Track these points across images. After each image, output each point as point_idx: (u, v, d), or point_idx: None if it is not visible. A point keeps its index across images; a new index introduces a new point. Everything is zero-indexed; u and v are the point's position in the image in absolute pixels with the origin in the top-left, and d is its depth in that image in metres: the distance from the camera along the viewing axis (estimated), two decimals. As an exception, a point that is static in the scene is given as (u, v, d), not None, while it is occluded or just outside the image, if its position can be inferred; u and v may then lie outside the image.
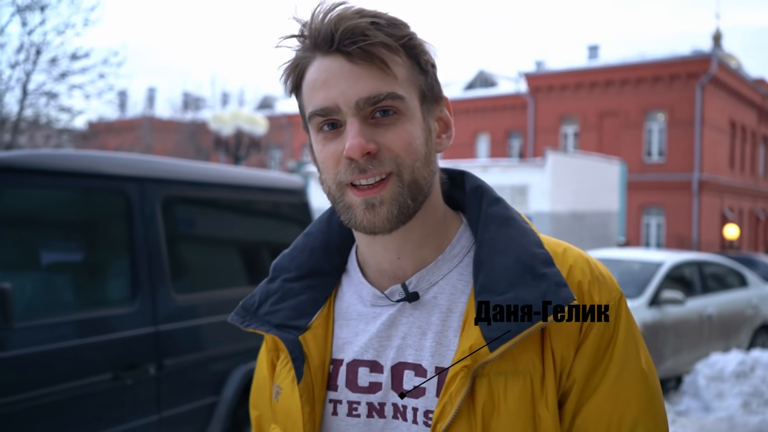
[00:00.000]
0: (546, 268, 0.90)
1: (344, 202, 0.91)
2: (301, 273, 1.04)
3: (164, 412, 3.01)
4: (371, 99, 0.87)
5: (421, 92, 0.92)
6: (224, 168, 3.94)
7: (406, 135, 0.89)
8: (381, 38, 0.87)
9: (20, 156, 2.69)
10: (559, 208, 15.00)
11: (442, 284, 0.96)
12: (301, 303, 1.01)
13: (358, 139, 0.86)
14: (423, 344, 0.93)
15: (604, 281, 0.94)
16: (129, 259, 3.00)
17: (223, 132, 15.31)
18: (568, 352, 0.90)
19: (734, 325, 7.97)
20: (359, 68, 0.87)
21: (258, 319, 1.02)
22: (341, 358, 0.98)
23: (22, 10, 11.23)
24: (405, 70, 0.90)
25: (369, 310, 0.99)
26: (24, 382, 2.49)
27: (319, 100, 0.89)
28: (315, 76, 0.90)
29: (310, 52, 0.90)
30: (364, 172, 0.88)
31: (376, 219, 0.89)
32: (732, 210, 29.70)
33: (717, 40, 35.27)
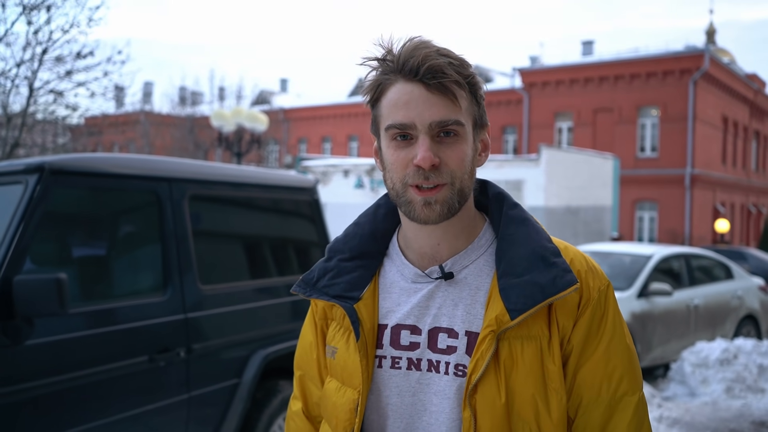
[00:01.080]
0: (555, 258, 1.16)
1: (406, 197, 1.15)
2: (353, 254, 1.27)
3: (193, 391, 3.31)
4: (441, 123, 1.11)
5: (474, 120, 1.17)
6: (244, 168, 4.23)
7: (461, 153, 1.14)
8: (455, 77, 1.11)
9: (67, 159, 2.98)
10: (554, 203, 15.28)
11: (471, 267, 1.21)
12: (354, 278, 1.25)
13: (429, 153, 1.10)
14: (455, 313, 1.17)
15: (596, 272, 1.21)
16: (160, 253, 3.30)
17: (224, 129, 15.56)
18: (568, 323, 1.15)
19: (720, 315, 8.30)
20: (435, 97, 1.11)
21: (318, 291, 1.26)
22: (386, 323, 1.22)
23: (28, 9, 11.44)
24: (466, 102, 1.14)
25: (410, 285, 1.22)
26: (76, 362, 2.79)
27: (399, 116, 1.12)
28: (397, 97, 1.13)
29: (393, 75, 1.14)
30: (427, 179, 1.12)
31: (431, 214, 1.13)
32: (724, 204, 30.06)
33: (710, 36, 35.56)
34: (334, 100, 37.23)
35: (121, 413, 2.97)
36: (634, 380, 1.18)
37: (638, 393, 1.18)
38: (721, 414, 6.03)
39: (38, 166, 2.81)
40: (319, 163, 18.86)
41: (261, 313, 3.81)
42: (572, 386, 1.16)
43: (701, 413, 6.01)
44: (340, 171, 16.66)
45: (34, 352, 2.68)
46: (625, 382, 1.17)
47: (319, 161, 19.54)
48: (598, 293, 1.18)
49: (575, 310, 1.16)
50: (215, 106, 28.87)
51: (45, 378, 2.70)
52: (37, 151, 14.64)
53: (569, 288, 1.12)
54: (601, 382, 1.16)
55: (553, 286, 1.12)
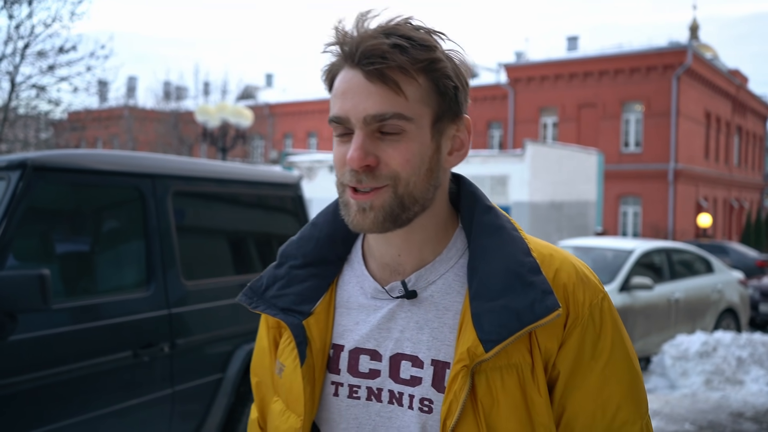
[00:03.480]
0: (533, 276, 0.97)
1: (344, 199, 1.00)
2: (307, 261, 1.11)
3: (177, 386, 3.33)
4: (377, 117, 0.94)
5: (435, 113, 0.98)
6: (227, 164, 4.25)
7: (406, 152, 0.96)
8: (398, 61, 0.93)
9: (49, 155, 2.98)
10: (538, 198, 15.39)
11: (438, 283, 1.03)
12: (305, 289, 1.09)
13: (357, 152, 0.94)
14: (420, 338, 1.01)
15: (588, 282, 1.02)
16: (144, 249, 3.31)
17: (209, 124, 15.50)
18: (552, 345, 0.98)
19: (700, 308, 8.42)
20: (373, 86, 0.94)
21: (265, 302, 1.10)
22: (342, 344, 1.06)
23: (9, 3, 11.34)
24: (420, 91, 0.96)
25: (370, 302, 1.07)
26: (60, 358, 2.81)
27: (335, 108, 0.98)
28: (337, 85, 0.98)
29: (341, 61, 0.98)
30: (360, 182, 0.96)
31: (363, 221, 0.97)
32: (707, 199, 30.39)
33: (694, 31, 35.89)
34: (320, 96, 37.13)
35: (105, 408, 2.99)
36: (635, 406, 1.01)
37: (641, 421, 1.01)
38: (700, 405, 6.14)
39: (21, 163, 2.82)
40: (304, 159, 18.85)
41: (245, 309, 3.83)
42: (561, 417, 1.00)
43: (680, 405, 6.11)
44: (325, 166, 16.68)
45: (18, 348, 2.69)
46: (624, 410, 1.00)
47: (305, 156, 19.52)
48: (589, 309, 1.00)
49: (560, 330, 0.99)
50: (200, 101, 28.72)
51: (28, 373, 2.71)
52: (19, 146, 14.53)
53: (549, 315, 0.95)
54: (594, 412, 0.99)
55: (530, 312, 0.95)
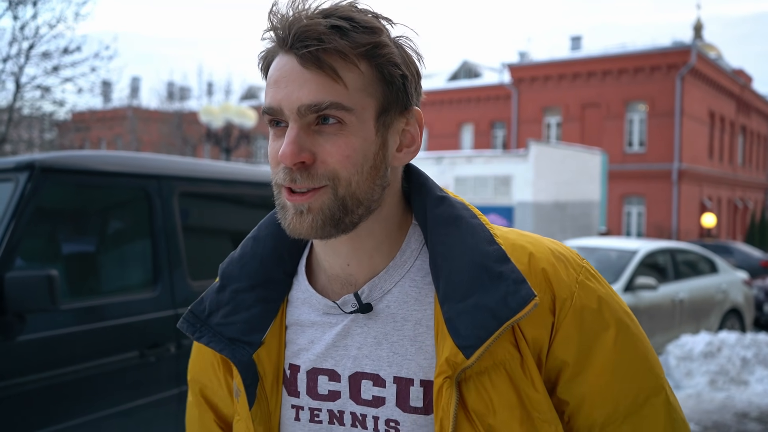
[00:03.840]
0: (501, 265, 0.88)
1: (280, 201, 0.90)
2: (253, 283, 1.00)
3: (183, 386, 3.35)
4: (312, 107, 0.84)
5: (380, 104, 0.88)
6: (232, 165, 4.27)
7: (345, 147, 0.86)
8: (335, 44, 0.83)
9: (57, 157, 3.00)
10: (542, 198, 15.38)
11: (394, 292, 0.94)
12: (253, 317, 0.98)
13: (290, 147, 0.84)
14: (379, 354, 0.92)
15: (568, 260, 0.93)
16: (150, 249, 3.33)
17: (213, 125, 15.54)
18: (539, 333, 0.88)
19: (704, 309, 8.41)
20: (308, 73, 0.84)
21: (210, 330, 0.99)
22: (298, 364, 0.98)
23: (14, 4, 11.39)
24: (362, 80, 0.86)
25: (322, 318, 0.97)
26: (67, 358, 2.82)
27: (268, 98, 0.88)
28: (270, 73, 0.89)
29: (276, 47, 0.88)
30: (294, 182, 0.86)
31: (300, 226, 0.87)
32: (711, 199, 30.33)
33: (698, 31, 35.85)
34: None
35: (112, 408, 3.00)
36: (653, 375, 0.93)
37: (663, 390, 0.93)
38: (705, 406, 6.13)
39: (29, 164, 2.83)
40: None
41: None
42: (578, 409, 0.91)
43: (685, 405, 6.10)
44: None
45: (26, 348, 2.70)
46: (645, 381, 0.92)
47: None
48: (578, 286, 0.91)
49: (548, 316, 0.89)
50: (203, 101, 28.78)
51: (37, 373, 2.72)
52: (23, 147, 14.60)
53: (526, 306, 0.85)
54: (614, 394, 0.90)
55: (505, 307, 0.85)
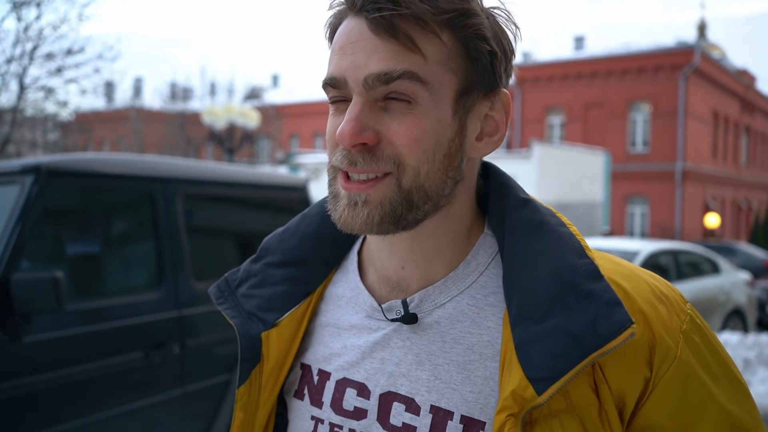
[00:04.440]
0: (592, 282, 0.72)
1: (334, 188, 0.78)
2: (286, 259, 0.91)
3: (187, 387, 3.38)
4: (381, 76, 0.72)
5: (461, 83, 0.75)
6: (236, 168, 4.31)
7: (415, 128, 0.73)
8: (414, 9, 0.71)
9: (62, 160, 3.04)
10: (545, 199, 15.21)
11: (448, 308, 0.80)
12: (276, 294, 0.89)
13: (350, 125, 0.72)
14: (419, 376, 0.79)
15: (669, 302, 0.76)
16: (154, 251, 3.36)
17: (216, 126, 15.59)
18: (629, 385, 0.72)
19: (707, 309, 8.41)
20: (379, 40, 0.72)
21: (233, 300, 0.92)
22: (329, 371, 0.86)
23: (18, 6, 11.44)
24: (443, 52, 0.73)
25: (363, 322, 0.85)
26: (73, 358, 2.86)
27: (331, 67, 0.76)
28: (335, 39, 0.77)
29: (345, 10, 0.77)
30: (354, 165, 0.74)
31: (353, 219, 0.75)
32: (715, 199, 30.28)
33: (701, 30, 35.76)
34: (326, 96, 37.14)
35: (116, 408, 3.03)
36: None
37: None
38: (707, 406, 6.13)
39: (35, 167, 2.87)
40: (311, 159, 18.89)
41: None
42: None
43: (687, 406, 6.11)
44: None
45: (32, 348, 2.74)
46: None
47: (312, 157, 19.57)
48: (683, 336, 0.74)
49: (643, 368, 0.72)
50: (206, 101, 28.84)
51: (43, 373, 2.76)
52: (26, 147, 14.65)
53: (621, 335, 0.68)
54: None
55: (593, 333, 0.69)
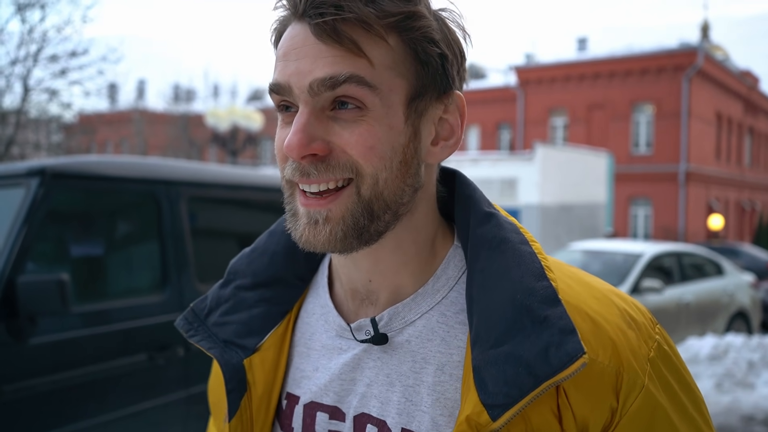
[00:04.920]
0: (547, 308, 0.69)
1: (292, 205, 0.76)
2: (258, 280, 0.88)
3: (191, 389, 3.38)
4: (327, 80, 0.69)
5: (412, 87, 0.73)
6: (239, 170, 4.31)
7: (368, 136, 0.70)
8: (358, 13, 0.68)
9: (67, 163, 3.05)
10: (548, 201, 15.37)
11: (418, 325, 0.78)
12: (252, 318, 0.86)
13: (297, 136, 0.69)
14: (390, 397, 0.76)
15: (638, 327, 0.74)
16: (159, 253, 3.37)
17: (219, 128, 15.62)
18: (594, 414, 0.69)
19: (710, 311, 8.40)
20: (323, 46, 0.69)
21: (205, 330, 0.88)
22: (297, 395, 0.84)
23: (22, 8, 11.50)
24: (390, 56, 0.71)
25: (333, 342, 0.83)
26: (78, 360, 2.86)
27: (276, 74, 0.73)
28: (281, 45, 0.74)
29: (289, 15, 0.74)
30: (307, 176, 0.71)
31: (315, 239, 0.72)
32: (718, 200, 30.24)
33: (705, 32, 35.72)
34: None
35: (121, 410, 3.04)
36: None
37: None
38: (711, 409, 6.13)
39: (40, 170, 2.88)
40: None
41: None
42: None
43: (691, 408, 6.10)
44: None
45: (37, 350, 2.75)
46: None
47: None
48: (650, 364, 0.72)
49: (609, 397, 0.70)
50: (210, 103, 28.90)
51: (47, 375, 2.77)
52: (30, 149, 14.70)
53: (573, 365, 0.66)
54: None
55: (545, 362, 0.67)
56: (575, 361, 0.66)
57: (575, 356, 0.66)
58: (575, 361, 0.66)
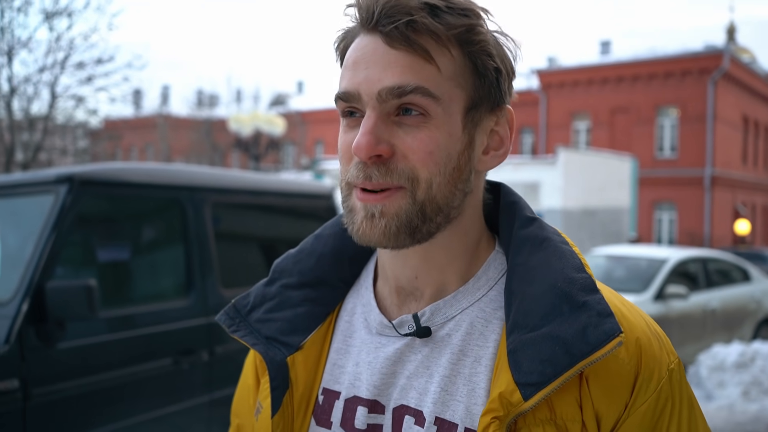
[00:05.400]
0: (587, 295, 0.74)
1: (349, 203, 0.80)
2: (304, 280, 0.91)
3: (215, 393, 3.42)
4: (395, 90, 0.74)
5: (470, 98, 0.78)
6: (262, 177, 4.36)
7: (429, 142, 0.75)
8: (428, 23, 0.74)
9: (95, 170, 3.10)
10: (571, 205, 15.27)
11: (458, 320, 0.82)
12: (297, 316, 0.89)
13: (366, 138, 0.74)
14: (428, 388, 0.80)
15: (663, 341, 0.79)
16: (183, 258, 3.41)
17: (242, 133, 15.75)
18: (609, 408, 0.73)
19: (737, 318, 8.28)
20: (394, 53, 0.74)
21: (247, 326, 0.91)
22: (338, 390, 0.86)
23: (50, 16, 11.70)
24: (452, 66, 0.76)
25: (373, 338, 0.86)
26: (104, 364, 2.91)
27: (344, 82, 0.78)
28: (348, 55, 0.79)
29: (357, 26, 0.79)
30: (369, 178, 0.76)
31: (371, 231, 0.76)
32: (745, 205, 29.78)
33: (731, 34, 35.25)
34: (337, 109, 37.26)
35: (146, 414, 3.08)
36: None
37: None
38: (737, 418, 6.03)
39: (68, 177, 2.93)
40: (335, 165, 19.00)
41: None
42: None
43: (717, 417, 6.02)
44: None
45: (66, 355, 2.79)
46: None
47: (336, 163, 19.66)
48: (668, 373, 0.75)
49: (625, 393, 0.73)
50: (232, 108, 29.16)
51: (75, 379, 2.81)
52: (57, 154, 14.95)
53: (609, 343, 0.70)
54: None
55: (582, 341, 0.71)
56: (612, 340, 0.70)
57: (612, 335, 0.70)
58: (612, 339, 0.70)
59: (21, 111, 12.13)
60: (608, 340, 0.70)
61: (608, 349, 0.70)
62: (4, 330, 2.59)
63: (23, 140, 12.24)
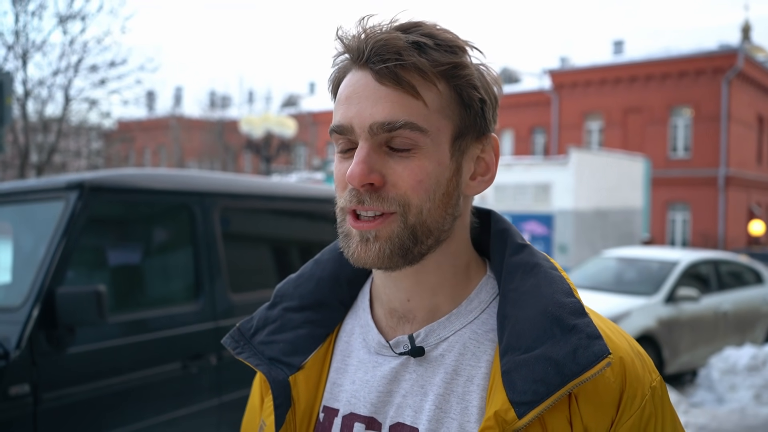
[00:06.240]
0: (576, 318, 0.79)
1: (344, 228, 0.85)
2: (304, 303, 0.96)
3: (224, 397, 3.44)
4: (385, 125, 0.79)
5: (456, 127, 0.83)
6: (272, 181, 4.38)
7: (419, 171, 0.80)
8: (415, 61, 0.79)
9: (104, 177, 3.14)
10: (583, 206, 15.19)
11: (452, 341, 0.86)
12: (298, 337, 0.94)
13: (360, 167, 0.79)
14: (423, 406, 0.84)
15: (645, 361, 0.84)
16: (192, 263, 3.44)
17: (253, 135, 15.82)
18: (597, 424, 0.77)
19: (749, 320, 8.22)
20: (384, 89, 0.80)
21: (251, 348, 0.95)
22: (336, 408, 0.91)
23: (64, 20, 11.82)
24: (439, 100, 0.81)
25: (371, 357, 0.91)
26: (114, 369, 2.95)
27: (338, 116, 0.83)
28: (341, 90, 0.84)
29: (350, 63, 0.84)
30: (362, 204, 0.81)
31: (366, 254, 0.82)
32: (759, 206, 29.51)
33: (745, 33, 34.97)
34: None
35: (155, 418, 3.11)
36: None
37: None
38: (749, 421, 5.99)
39: (78, 183, 2.97)
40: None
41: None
42: None
43: (729, 420, 5.98)
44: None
45: (76, 360, 2.83)
46: None
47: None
48: (651, 391, 0.81)
49: (611, 410, 0.78)
50: (244, 109, 29.28)
51: (85, 384, 2.85)
52: (71, 156, 15.09)
53: (598, 364, 0.75)
54: None
55: (572, 361, 0.76)
56: (601, 361, 0.75)
57: (601, 356, 0.75)
58: (601, 360, 0.75)
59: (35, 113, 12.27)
60: (597, 360, 0.75)
61: (598, 369, 0.75)
62: (15, 335, 2.63)
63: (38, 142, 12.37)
